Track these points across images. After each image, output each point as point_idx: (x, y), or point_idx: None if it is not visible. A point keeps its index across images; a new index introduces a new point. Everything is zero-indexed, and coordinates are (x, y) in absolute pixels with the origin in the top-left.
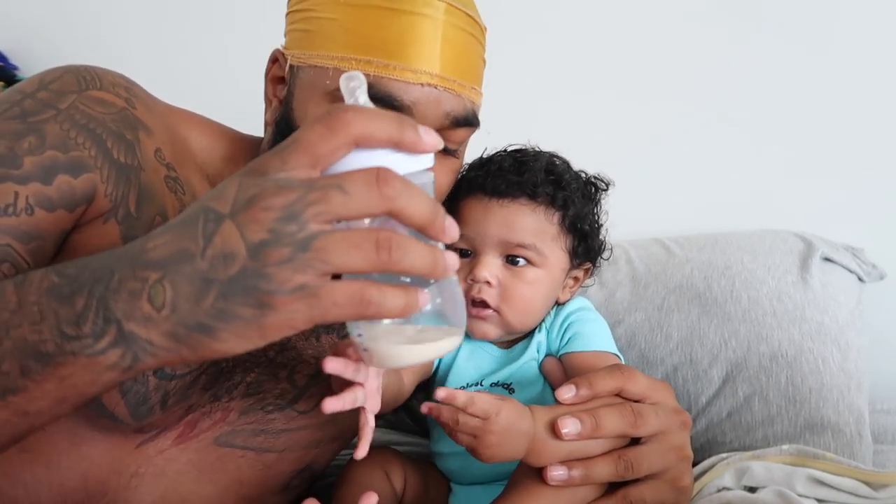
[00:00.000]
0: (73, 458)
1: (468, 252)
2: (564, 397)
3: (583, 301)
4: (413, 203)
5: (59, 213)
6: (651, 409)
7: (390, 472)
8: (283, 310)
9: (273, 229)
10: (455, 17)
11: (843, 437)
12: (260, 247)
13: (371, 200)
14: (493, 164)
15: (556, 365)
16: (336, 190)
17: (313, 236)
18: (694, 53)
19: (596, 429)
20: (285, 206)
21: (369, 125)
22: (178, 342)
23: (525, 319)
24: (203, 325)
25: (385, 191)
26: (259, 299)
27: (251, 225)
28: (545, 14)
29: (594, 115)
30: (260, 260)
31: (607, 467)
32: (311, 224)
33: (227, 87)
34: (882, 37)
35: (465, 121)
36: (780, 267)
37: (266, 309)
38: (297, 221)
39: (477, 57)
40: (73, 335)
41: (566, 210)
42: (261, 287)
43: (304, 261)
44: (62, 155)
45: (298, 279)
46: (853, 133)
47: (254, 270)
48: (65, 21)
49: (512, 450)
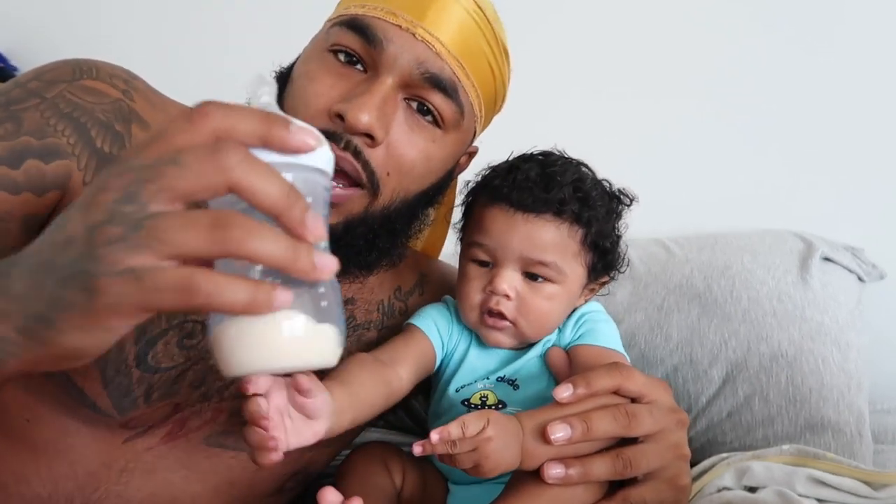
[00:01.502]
0: (61, 448)
1: (488, 263)
2: (561, 396)
3: (596, 305)
4: (258, 179)
5: (25, 195)
6: (646, 409)
7: (390, 465)
8: (109, 293)
9: (110, 210)
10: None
11: (844, 437)
12: (94, 227)
13: (207, 171)
14: (520, 174)
15: (559, 355)
16: (170, 164)
17: (148, 216)
18: (694, 54)
19: (587, 433)
20: (123, 186)
21: (230, 118)
22: (28, 338)
23: (540, 332)
24: (42, 315)
25: (221, 160)
26: (85, 283)
27: (91, 208)
28: (544, 14)
29: (594, 115)
30: (92, 241)
31: (605, 466)
32: (152, 205)
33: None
34: (882, 37)
35: (440, 83)
36: (780, 267)
37: (92, 293)
38: (136, 202)
39: (474, 44)
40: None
41: (589, 228)
42: (89, 269)
43: (136, 240)
44: (36, 141)
45: (129, 261)
46: (853, 133)
47: (86, 253)
48: (65, 21)
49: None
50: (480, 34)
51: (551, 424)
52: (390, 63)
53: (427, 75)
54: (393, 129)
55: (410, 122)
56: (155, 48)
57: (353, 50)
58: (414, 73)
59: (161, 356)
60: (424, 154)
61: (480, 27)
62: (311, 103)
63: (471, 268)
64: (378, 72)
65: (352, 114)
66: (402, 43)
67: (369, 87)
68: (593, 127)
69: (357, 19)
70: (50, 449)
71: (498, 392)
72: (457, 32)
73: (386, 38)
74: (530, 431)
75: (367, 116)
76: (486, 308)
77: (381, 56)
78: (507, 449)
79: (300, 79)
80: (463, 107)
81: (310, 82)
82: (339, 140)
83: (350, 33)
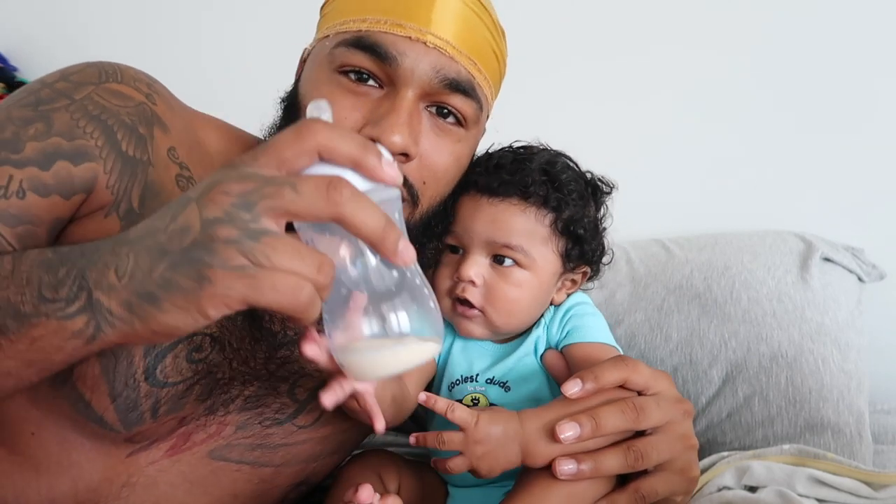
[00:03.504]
0: (64, 463)
1: (458, 249)
2: (571, 392)
3: (582, 296)
4: (361, 213)
5: (54, 198)
6: (653, 401)
7: (384, 474)
8: (220, 284)
9: (228, 211)
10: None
11: (844, 438)
12: (212, 222)
13: (318, 202)
14: (493, 161)
15: (557, 357)
16: (289, 187)
17: (265, 232)
18: (694, 54)
19: (596, 429)
20: (242, 193)
21: (334, 138)
22: (131, 312)
23: (510, 321)
24: (151, 294)
25: (333, 195)
26: (199, 271)
27: (209, 205)
28: (545, 14)
29: (593, 115)
30: (209, 234)
31: (617, 459)
32: (263, 217)
33: (225, 89)
34: (882, 37)
35: (457, 85)
36: (780, 267)
37: (204, 282)
38: (251, 211)
39: (479, 36)
40: (50, 298)
41: (559, 212)
42: (204, 259)
43: (250, 247)
44: (66, 142)
45: (240, 259)
46: (853, 133)
47: (202, 243)
48: (65, 22)
49: (505, 457)
50: (482, 24)
51: (560, 424)
52: (408, 77)
53: (446, 81)
54: (422, 140)
55: (436, 129)
56: (155, 48)
57: (367, 69)
58: (433, 81)
59: (169, 370)
60: (454, 156)
61: (480, 17)
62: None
63: (444, 256)
64: (396, 87)
65: (385, 138)
66: (415, 55)
67: (393, 105)
68: (593, 127)
69: (363, 38)
70: (53, 464)
71: (490, 395)
72: (463, 29)
73: (399, 52)
74: (536, 431)
75: (400, 137)
76: (454, 296)
77: (398, 71)
78: (503, 448)
79: None
80: (481, 102)
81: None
82: None
83: (359, 53)
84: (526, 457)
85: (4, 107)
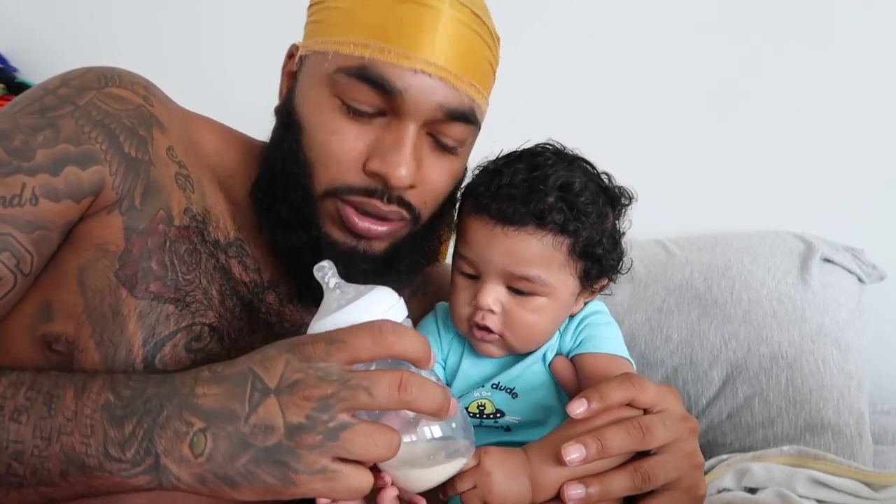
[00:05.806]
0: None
1: (474, 275)
2: (576, 412)
3: (598, 304)
4: (426, 401)
5: (66, 203)
6: (659, 420)
7: None
8: (304, 487)
9: (309, 416)
10: (459, 12)
11: (844, 438)
12: (297, 429)
13: (391, 402)
14: (504, 179)
15: (566, 365)
16: (363, 392)
17: (343, 426)
18: (694, 54)
19: (602, 451)
20: (322, 397)
21: (406, 349)
22: (202, 484)
23: (529, 343)
24: (230, 478)
25: (404, 396)
26: (286, 474)
27: (292, 408)
28: (544, 14)
29: (593, 115)
30: (294, 440)
31: (624, 481)
32: (340, 414)
33: (224, 90)
34: (883, 37)
35: (460, 115)
36: (781, 268)
37: (289, 483)
38: (329, 412)
39: (480, 56)
40: (116, 457)
41: (577, 236)
42: (290, 464)
43: (330, 447)
44: (74, 148)
45: (322, 462)
46: (853, 133)
47: (288, 448)
48: (65, 22)
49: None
50: (481, 41)
51: (565, 446)
52: (411, 110)
53: (449, 112)
54: (423, 166)
55: (436, 152)
56: (154, 48)
57: (371, 104)
58: (437, 114)
59: (168, 359)
60: (451, 175)
61: (479, 34)
62: (342, 159)
63: (459, 279)
64: (400, 118)
65: (392, 175)
66: (420, 88)
67: (398, 139)
68: (593, 127)
69: (367, 69)
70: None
71: (496, 400)
72: (465, 54)
73: (404, 86)
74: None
75: (406, 171)
76: (473, 322)
77: (403, 104)
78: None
79: (319, 132)
80: (479, 123)
81: (332, 136)
82: (382, 196)
83: (364, 86)
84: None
85: (9, 114)
